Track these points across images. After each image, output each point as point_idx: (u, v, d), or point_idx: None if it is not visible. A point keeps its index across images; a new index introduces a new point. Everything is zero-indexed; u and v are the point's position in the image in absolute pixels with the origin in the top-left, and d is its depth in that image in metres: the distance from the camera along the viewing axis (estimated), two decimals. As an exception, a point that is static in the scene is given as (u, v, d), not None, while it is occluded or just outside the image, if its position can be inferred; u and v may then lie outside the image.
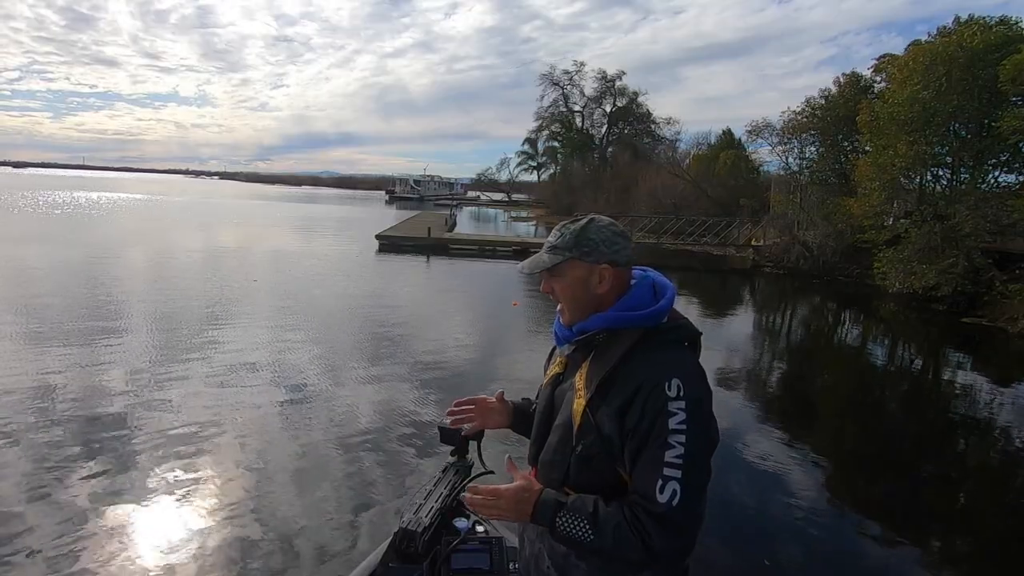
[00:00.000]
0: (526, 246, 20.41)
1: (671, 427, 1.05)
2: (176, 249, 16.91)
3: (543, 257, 1.23)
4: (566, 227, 1.24)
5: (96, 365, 6.27)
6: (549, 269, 1.22)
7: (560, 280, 1.23)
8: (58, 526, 3.40)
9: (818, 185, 19.78)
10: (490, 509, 1.18)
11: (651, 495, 1.05)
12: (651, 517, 1.04)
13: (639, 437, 1.07)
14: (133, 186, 73.51)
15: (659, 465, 1.05)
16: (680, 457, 1.04)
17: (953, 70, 13.46)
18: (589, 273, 1.20)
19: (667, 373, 1.08)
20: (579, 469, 1.15)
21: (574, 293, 1.22)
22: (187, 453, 4.41)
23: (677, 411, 1.06)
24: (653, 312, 1.16)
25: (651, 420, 1.06)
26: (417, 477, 4.13)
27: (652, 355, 1.13)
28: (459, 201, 57.20)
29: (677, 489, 1.04)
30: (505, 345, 8.49)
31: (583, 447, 1.14)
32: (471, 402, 1.52)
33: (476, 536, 1.62)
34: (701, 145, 34.78)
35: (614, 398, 1.11)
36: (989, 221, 13.33)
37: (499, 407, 1.50)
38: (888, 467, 5.20)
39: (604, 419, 1.11)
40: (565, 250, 1.21)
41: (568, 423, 1.18)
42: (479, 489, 1.18)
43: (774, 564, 3.55)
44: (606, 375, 1.13)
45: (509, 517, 1.18)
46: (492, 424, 1.52)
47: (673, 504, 1.03)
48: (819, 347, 10.54)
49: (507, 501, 1.15)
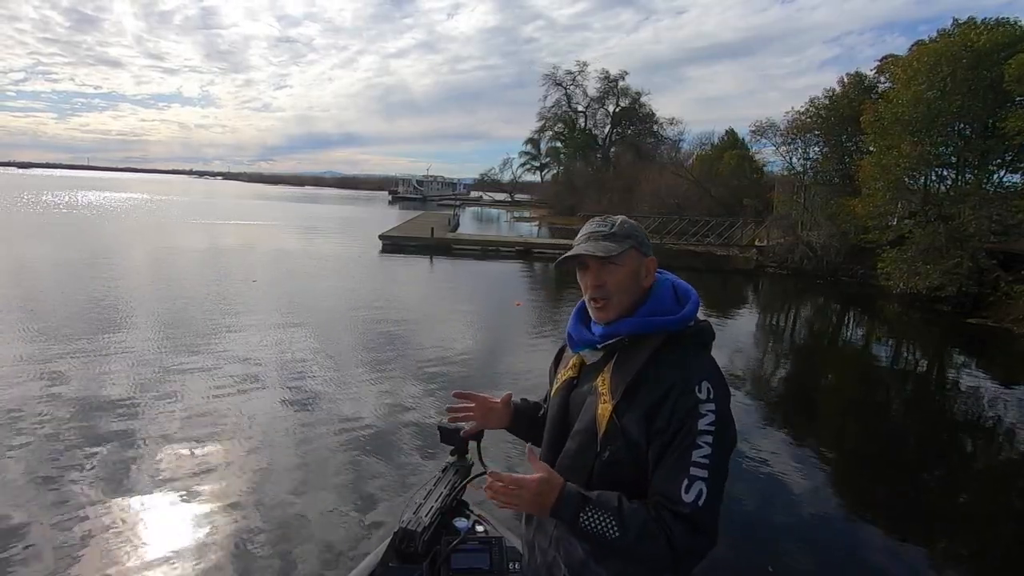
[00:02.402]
0: (529, 246, 20.42)
1: (700, 428, 1.06)
2: (178, 249, 16.94)
3: (608, 244, 1.17)
4: (610, 218, 1.22)
5: (96, 364, 6.28)
6: (612, 257, 1.17)
7: (617, 270, 1.18)
8: (59, 525, 3.40)
9: (822, 185, 19.75)
10: (509, 498, 1.10)
11: (676, 495, 1.04)
12: (676, 517, 1.04)
13: (666, 438, 1.07)
14: (137, 186, 73.62)
15: (686, 465, 1.05)
16: (707, 458, 1.05)
17: (958, 70, 13.42)
18: (640, 264, 1.20)
19: (697, 376, 1.09)
20: (603, 474, 1.13)
21: (628, 284, 1.19)
22: (188, 453, 4.41)
23: (707, 412, 1.06)
24: (682, 317, 1.16)
25: (680, 421, 1.06)
26: (418, 476, 4.11)
27: (680, 359, 1.12)
28: (462, 201, 57.17)
29: (703, 489, 1.04)
30: (508, 345, 8.48)
31: (610, 453, 1.12)
32: (472, 399, 1.49)
33: (476, 536, 1.62)
34: (704, 145, 34.84)
35: (642, 402, 1.10)
36: (994, 221, 13.30)
37: (501, 409, 1.48)
38: (892, 468, 5.17)
39: (631, 423, 1.10)
40: (625, 238, 1.18)
41: (590, 428, 1.15)
42: (502, 477, 1.11)
43: (778, 568, 3.53)
44: (634, 379, 1.12)
45: (528, 509, 1.13)
46: (492, 424, 1.50)
47: (699, 504, 1.03)
48: (823, 348, 10.50)
49: (528, 492, 1.10)
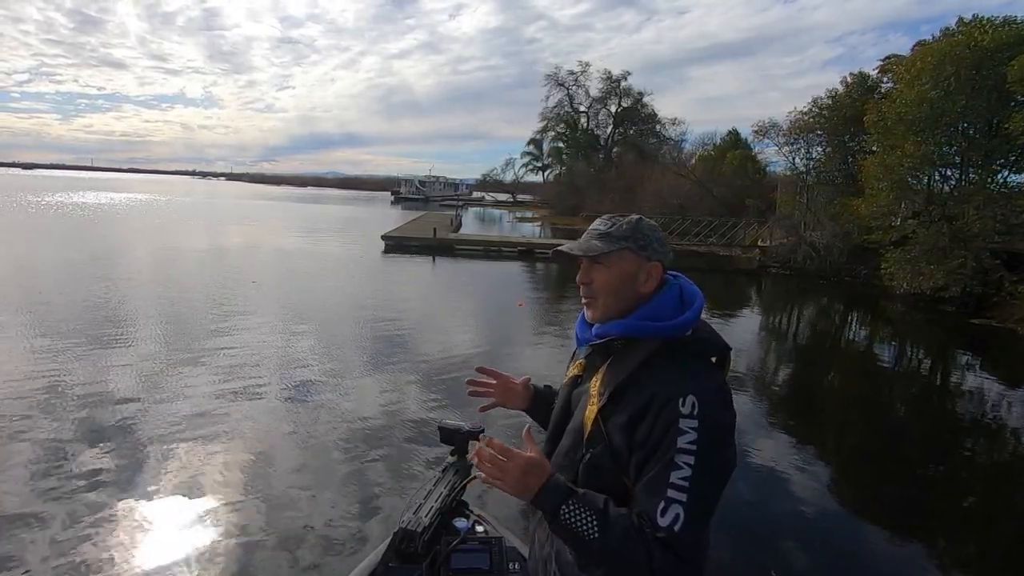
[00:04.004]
0: (531, 247, 20.40)
1: (680, 446, 0.98)
2: (180, 249, 16.98)
3: (595, 243, 1.16)
4: (617, 218, 1.18)
5: (96, 364, 6.29)
6: (597, 256, 1.15)
7: (605, 271, 1.16)
8: (60, 524, 3.41)
9: (824, 185, 19.72)
10: (496, 471, 1.04)
11: (652, 516, 0.98)
12: (655, 538, 0.97)
13: (645, 452, 1.02)
14: (140, 187, 73.80)
15: (663, 486, 0.98)
16: (687, 480, 0.97)
17: (961, 70, 13.38)
18: (638, 268, 1.15)
19: (683, 389, 1.02)
20: (587, 476, 1.10)
21: (617, 286, 1.15)
22: (189, 452, 4.41)
23: (688, 430, 0.99)
24: (676, 324, 1.10)
25: (659, 436, 1.00)
26: (419, 476, 4.11)
27: (670, 368, 1.07)
28: (464, 202, 57.17)
29: (680, 514, 0.96)
30: (510, 345, 8.47)
31: (592, 455, 1.09)
32: (495, 375, 1.47)
33: (476, 536, 1.61)
34: (707, 145, 34.79)
35: (626, 408, 1.06)
36: (998, 221, 13.25)
37: (521, 390, 1.47)
38: (895, 468, 5.14)
39: (615, 429, 1.06)
40: (621, 238, 1.15)
41: (580, 428, 1.13)
42: (494, 443, 1.05)
43: (779, 568, 3.51)
44: (620, 384, 1.08)
45: (512, 488, 1.04)
46: (511, 404, 1.48)
47: (675, 529, 0.96)
48: (826, 348, 10.46)
49: (516, 467, 1.03)
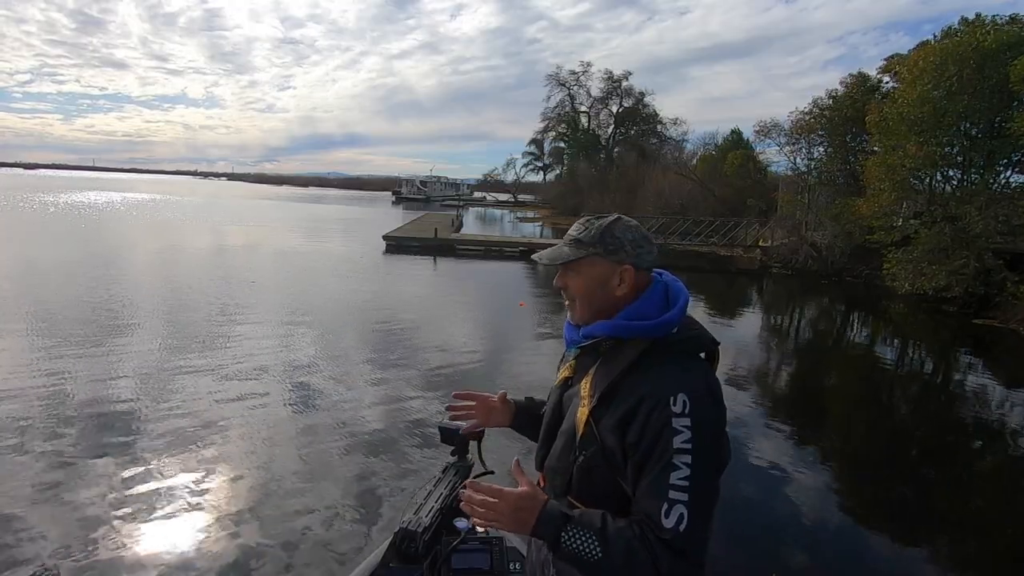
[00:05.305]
0: (532, 247, 20.36)
1: (676, 446, 0.99)
2: (183, 249, 16.99)
3: (564, 249, 1.17)
4: (591, 222, 1.18)
5: (96, 363, 6.30)
6: (568, 263, 1.16)
7: (577, 276, 1.16)
8: (62, 524, 3.41)
9: (826, 185, 19.69)
10: (487, 512, 1.05)
11: (657, 519, 0.98)
12: (660, 541, 0.97)
13: (641, 454, 1.01)
14: (142, 187, 73.85)
15: (664, 488, 0.98)
16: (687, 479, 0.98)
17: (964, 70, 13.34)
18: (610, 272, 1.14)
19: (673, 387, 1.01)
20: (581, 479, 1.11)
21: (590, 291, 1.16)
22: (190, 452, 4.42)
23: (682, 429, 0.99)
24: (660, 323, 1.09)
25: (654, 437, 1.00)
26: (419, 476, 4.11)
27: (659, 367, 1.06)
28: (465, 202, 57.15)
29: (684, 514, 0.97)
30: (511, 346, 8.47)
31: (584, 457, 1.09)
32: (472, 397, 1.48)
33: (476, 536, 1.60)
34: (708, 145, 34.79)
35: (616, 409, 1.05)
36: (1000, 222, 13.20)
37: (500, 407, 1.47)
38: (897, 469, 5.14)
39: (606, 431, 1.06)
40: (589, 245, 1.15)
41: (572, 430, 1.13)
42: (480, 487, 1.06)
43: (780, 569, 3.50)
44: (610, 385, 1.08)
45: (508, 526, 1.05)
46: (493, 423, 1.49)
47: (680, 529, 0.97)
48: (828, 348, 10.45)
49: (507, 505, 1.03)
